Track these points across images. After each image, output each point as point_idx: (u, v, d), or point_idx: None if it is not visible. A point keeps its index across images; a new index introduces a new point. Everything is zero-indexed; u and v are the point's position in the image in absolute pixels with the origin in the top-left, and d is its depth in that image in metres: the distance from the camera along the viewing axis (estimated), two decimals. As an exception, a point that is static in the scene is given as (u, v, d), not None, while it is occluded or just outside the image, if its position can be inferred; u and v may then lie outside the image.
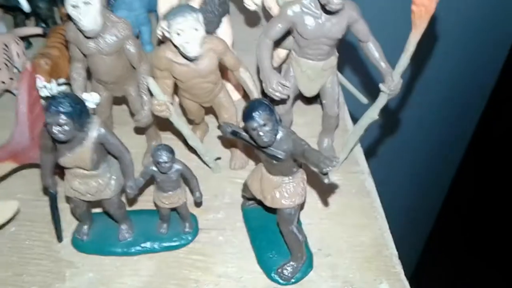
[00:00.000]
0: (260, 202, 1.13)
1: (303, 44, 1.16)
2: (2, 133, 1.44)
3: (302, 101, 1.55)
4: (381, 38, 1.16)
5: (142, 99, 1.20)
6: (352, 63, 1.36)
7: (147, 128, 1.32)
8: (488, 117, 2.70)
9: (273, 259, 1.12)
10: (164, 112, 1.14)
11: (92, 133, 0.98)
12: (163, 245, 1.15)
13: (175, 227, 1.17)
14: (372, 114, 1.21)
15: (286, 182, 1.03)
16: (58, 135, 0.92)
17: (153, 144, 1.35)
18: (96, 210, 1.19)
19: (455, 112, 2.66)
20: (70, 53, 1.18)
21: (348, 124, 1.49)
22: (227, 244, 1.18)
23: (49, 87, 1.30)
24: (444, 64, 2.39)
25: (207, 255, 1.15)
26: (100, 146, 1.00)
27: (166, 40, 1.13)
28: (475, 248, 2.97)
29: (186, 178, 1.11)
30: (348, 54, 1.28)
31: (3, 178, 1.21)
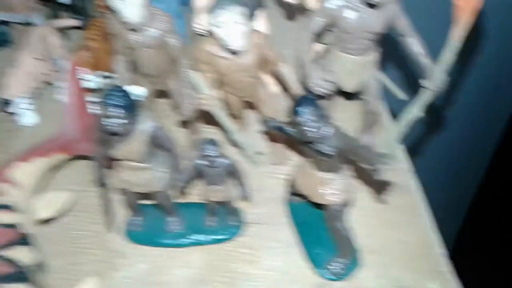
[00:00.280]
0: (306, 198, 1.13)
1: (344, 38, 1.15)
2: (45, 124, 1.49)
3: (341, 96, 1.53)
4: (420, 33, 1.14)
5: (184, 93, 1.21)
6: (390, 58, 1.34)
7: (189, 122, 1.33)
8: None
9: (320, 254, 1.13)
10: (207, 106, 1.15)
11: (144, 126, 0.99)
12: (211, 237, 1.17)
13: (222, 221, 1.19)
14: (417, 111, 1.19)
15: (334, 178, 1.03)
16: (113, 128, 0.94)
17: (194, 138, 1.36)
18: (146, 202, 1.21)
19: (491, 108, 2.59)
20: (114, 46, 1.20)
21: (386, 120, 1.46)
22: (272, 239, 1.19)
23: (92, 80, 1.32)
24: (488, 60, 2.32)
25: (254, 248, 1.17)
26: (151, 140, 1.02)
27: (207, 33, 1.12)
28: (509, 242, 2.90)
29: (233, 172, 1.12)
30: (386, 49, 1.25)
31: (56, 170, 1.24)
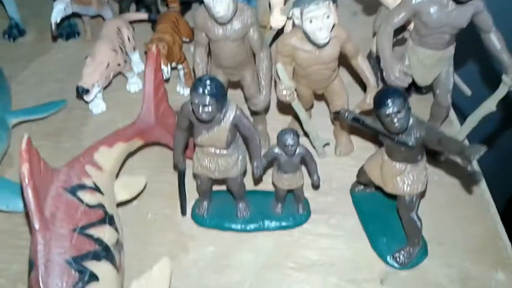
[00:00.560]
0: (377, 188, 1.16)
1: (425, 33, 1.16)
2: (114, 112, 1.53)
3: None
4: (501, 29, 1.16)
5: (261, 84, 1.23)
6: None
7: (258, 113, 1.36)
8: None
9: (387, 244, 1.15)
10: (289, 97, 1.18)
11: (230, 114, 1.03)
12: (278, 224, 1.20)
13: (289, 208, 1.22)
14: (491, 105, 1.21)
15: (409, 169, 1.05)
16: (203, 115, 0.97)
17: (259, 128, 1.39)
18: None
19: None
20: (195, 37, 1.23)
21: (451, 114, 1.48)
22: (339, 228, 1.21)
23: (166, 71, 1.35)
24: None
25: (320, 236, 1.19)
26: (234, 127, 1.05)
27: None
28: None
29: (307, 161, 1.15)
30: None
31: (130, 155, 1.28)
